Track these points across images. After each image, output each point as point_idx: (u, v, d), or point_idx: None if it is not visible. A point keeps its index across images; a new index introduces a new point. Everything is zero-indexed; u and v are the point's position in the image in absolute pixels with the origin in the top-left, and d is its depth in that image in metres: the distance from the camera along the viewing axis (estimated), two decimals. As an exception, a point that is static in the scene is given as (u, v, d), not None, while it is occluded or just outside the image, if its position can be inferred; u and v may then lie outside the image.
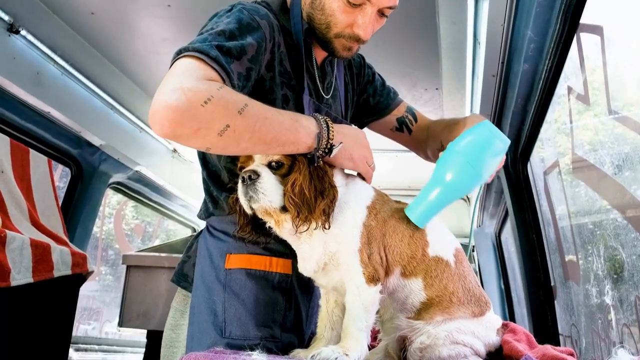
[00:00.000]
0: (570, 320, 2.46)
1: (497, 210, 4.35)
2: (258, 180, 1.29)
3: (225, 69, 1.25)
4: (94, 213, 3.88)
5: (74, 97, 3.43)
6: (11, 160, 2.38)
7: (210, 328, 1.48)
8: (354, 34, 1.51)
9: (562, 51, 1.98)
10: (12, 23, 2.85)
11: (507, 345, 1.41)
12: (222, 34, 1.32)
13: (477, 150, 1.41)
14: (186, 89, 1.15)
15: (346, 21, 1.49)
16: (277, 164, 1.33)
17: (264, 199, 1.29)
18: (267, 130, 1.23)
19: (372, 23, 1.51)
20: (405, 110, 1.89)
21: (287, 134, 1.27)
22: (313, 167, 1.30)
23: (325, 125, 1.35)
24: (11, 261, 1.95)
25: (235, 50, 1.30)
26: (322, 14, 1.51)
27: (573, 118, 2.14)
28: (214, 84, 1.20)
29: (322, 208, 1.27)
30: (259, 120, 1.22)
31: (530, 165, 2.87)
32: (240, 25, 1.36)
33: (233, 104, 1.19)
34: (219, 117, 1.17)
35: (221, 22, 1.37)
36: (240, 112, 1.19)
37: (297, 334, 1.57)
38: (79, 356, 4.20)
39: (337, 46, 1.55)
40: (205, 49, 1.24)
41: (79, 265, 2.47)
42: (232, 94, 1.21)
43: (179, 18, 2.96)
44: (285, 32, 1.55)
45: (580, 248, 2.22)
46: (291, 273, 1.54)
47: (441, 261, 1.43)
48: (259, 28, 1.40)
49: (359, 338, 1.30)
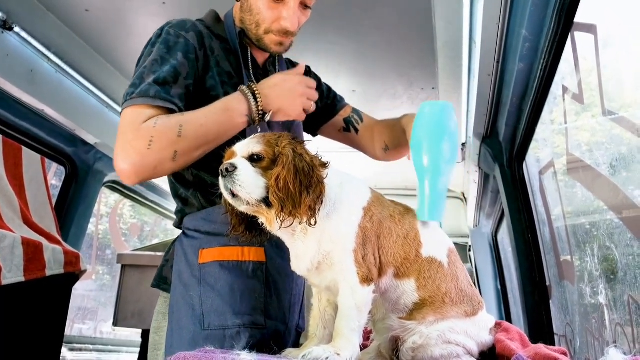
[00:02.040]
0: (565, 320, 2.46)
1: (494, 210, 4.36)
2: (235, 172, 1.28)
3: (167, 99, 1.46)
4: (89, 212, 3.87)
5: (69, 95, 3.42)
6: (3, 158, 2.37)
7: (189, 323, 1.52)
8: (281, 27, 1.66)
9: (557, 50, 1.98)
10: (6, 20, 2.83)
11: (500, 345, 1.41)
12: (155, 62, 1.51)
13: (432, 124, 1.51)
14: (132, 143, 1.38)
15: (272, 17, 1.65)
16: (257, 157, 1.31)
17: (242, 191, 1.28)
18: (207, 134, 1.44)
19: (296, 15, 1.66)
20: (351, 111, 2.04)
21: (225, 126, 1.47)
22: (299, 160, 1.29)
23: (252, 95, 1.52)
24: (2, 259, 1.94)
25: (170, 76, 1.49)
26: (250, 14, 1.68)
27: (568, 118, 2.14)
28: (149, 123, 1.39)
29: (308, 204, 1.26)
30: (197, 131, 1.42)
31: (526, 165, 2.87)
32: (168, 48, 1.56)
33: (170, 132, 1.39)
34: (164, 149, 1.38)
35: (153, 50, 1.56)
36: (179, 134, 1.39)
37: (282, 322, 1.61)
38: (74, 356, 4.18)
39: (269, 42, 1.69)
40: (145, 90, 1.44)
41: (71, 264, 2.46)
42: (166, 122, 1.40)
43: (174, 15, 2.91)
44: (221, 40, 1.73)
45: (575, 248, 2.22)
46: (265, 260, 1.59)
47: (434, 262, 1.43)
48: (185, 41, 1.58)
49: (351, 338, 1.29)
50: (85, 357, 4.43)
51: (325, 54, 3.24)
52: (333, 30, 2.95)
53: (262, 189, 1.28)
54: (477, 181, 3.92)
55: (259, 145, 1.32)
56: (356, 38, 3.03)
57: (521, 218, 2.88)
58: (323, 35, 3.01)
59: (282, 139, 1.34)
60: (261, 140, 1.34)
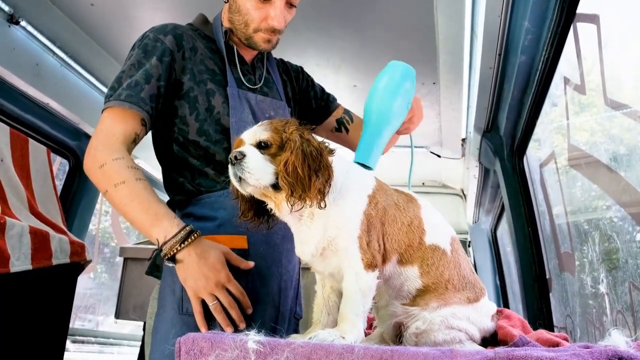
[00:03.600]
0: (565, 312, 2.48)
1: (493, 206, 4.38)
2: (244, 160, 1.31)
3: (135, 102, 1.60)
4: (92, 205, 3.89)
5: (73, 89, 3.44)
6: (11, 150, 2.39)
7: (169, 306, 1.61)
8: (269, 26, 1.75)
9: (559, 41, 1.99)
10: (12, 14, 2.86)
11: (502, 331, 1.42)
12: (132, 67, 1.66)
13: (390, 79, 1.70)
14: (96, 152, 1.55)
15: (260, 16, 1.74)
16: (265, 144, 1.34)
17: (251, 177, 1.30)
18: (127, 212, 1.52)
19: (283, 14, 1.75)
20: (343, 112, 2.13)
21: (141, 223, 1.51)
22: (307, 145, 1.31)
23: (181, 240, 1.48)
24: (10, 248, 1.96)
25: (142, 79, 1.63)
26: (239, 15, 1.77)
27: (569, 109, 2.15)
28: (115, 154, 1.54)
29: (318, 187, 1.28)
30: (123, 200, 1.51)
31: (526, 158, 2.89)
32: (146, 52, 1.68)
33: (114, 177, 1.51)
34: (103, 182, 1.53)
35: (133, 53, 1.70)
36: (115, 186, 1.51)
37: (272, 306, 1.69)
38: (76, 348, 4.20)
39: (258, 40, 1.78)
40: (118, 94, 1.60)
41: (77, 253, 2.48)
42: (120, 168, 1.52)
43: (178, 9, 2.96)
44: (208, 39, 1.84)
45: (575, 238, 2.24)
46: (247, 247, 1.66)
47: (437, 249, 1.44)
48: (162, 45, 1.69)
49: (356, 322, 1.31)
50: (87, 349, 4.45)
51: (326, 49, 3.25)
52: (334, 24, 2.97)
53: (271, 175, 1.31)
54: (477, 176, 3.94)
55: (266, 132, 1.35)
56: (357, 33, 3.05)
57: (521, 211, 2.90)
58: (324, 30, 3.03)
59: (289, 125, 1.36)
60: (268, 127, 1.36)
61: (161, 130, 1.77)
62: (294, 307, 1.80)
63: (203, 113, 1.70)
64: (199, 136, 1.71)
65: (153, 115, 1.66)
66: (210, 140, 1.71)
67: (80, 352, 4.78)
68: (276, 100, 1.89)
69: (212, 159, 1.72)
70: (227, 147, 1.70)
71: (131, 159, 1.58)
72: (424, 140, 4.47)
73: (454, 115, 3.73)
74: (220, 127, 1.71)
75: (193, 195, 1.73)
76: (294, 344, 1.04)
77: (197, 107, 1.70)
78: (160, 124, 1.76)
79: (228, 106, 1.72)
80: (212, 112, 1.71)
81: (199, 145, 1.71)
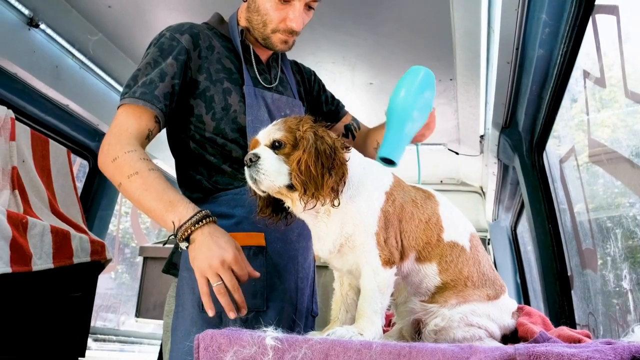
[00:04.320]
0: (587, 309, 2.44)
1: (513, 203, 4.33)
2: (259, 161, 1.32)
3: (149, 100, 1.61)
4: (112, 205, 3.93)
5: (92, 90, 3.49)
6: (32, 151, 2.43)
7: (189, 305, 1.62)
8: (287, 27, 1.75)
9: (578, 34, 1.96)
10: (32, 17, 2.91)
11: (523, 327, 1.41)
12: (148, 65, 1.67)
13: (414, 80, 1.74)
14: (109, 147, 1.56)
15: (279, 17, 1.74)
16: (278, 144, 1.34)
17: (266, 179, 1.31)
18: (141, 202, 1.52)
19: (301, 16, 1.76)
20: (351, 119, 2.17)
21: (155, 211, 1.51)
22: (321, 143, 1.31)
23: (196, 221, 1.46)
24: (32, 246, 2.00)
25: (157, 77, 1.64)
26: (257, 14, 1.77)
27: (589, 103, 2.12)
28: (127, 147, 1.54)
29: (331, 185, 1.27)
30: (137, 191, 1.51)
31: (545, 153, 2.85)
32: (162, 51, 1.69)
33: (126, 168, 1.51)
34: (116, 174, 1.53)
35: (149, 52, 1.71)
36: (129, 177, 1.51)
37: (289, 303, 1.69)
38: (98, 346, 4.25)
39: (275, 40, 1.79)
40: (133, 92, 1.62)
41: (97, 252, 2.52)
42: (132, 160, 1.53)
43: (194, 9, 2.98)
44: (225, 39, 1.85)
45: (597, 235, 2.20)
46: (264, 245, 1.67)
47: (456, 246, 1.43)
48: (178, 44, 1.71)
49: (374, 319, 1.30)
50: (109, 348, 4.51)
51: (342, 47, 3.25)
52: (350, 22, 2.96)
53: (286, 175, 1.31)
54: (496, 173, 3.91)
55: (279, 132, 1.35)
56: (373, 30, 3.04)
57: (541, 208, 2.86)
58: (340, 27, 3.03)
59: (303, 123, 1.36)
60: (282, 126, 1.37)
61: (177, 128, 1.78)
62: (310, 304, 1.81)
63: (219, 112, 1.71)
64: (215, 134, 1.72)
65: (167, 113, 1.67)
66: (226, 138, 1.72)
67: (102, 351, 4.85)
68: (292, 98, 1.90)
69: (229, 156, 1.73)
70: (244, 144, 1.71)
71: (143, 151, 1.59)
72: (441, 138, 4.44)
73: (471, 112, 3.70)
74: (237, 126, 1.72)
75: (210, 193, 1.74)
76: (312, 340, 1.04)
77: (213, 106, 1.71)
78: (176, 122, 1.77)
79: (244, 105, 1.73)
80: (229, 111, 1.72)
81: (216, 143, 1.72)
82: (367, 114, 3.88)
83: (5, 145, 2.44)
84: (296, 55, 2.12)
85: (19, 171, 2.42)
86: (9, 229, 2.00)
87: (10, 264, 2.00)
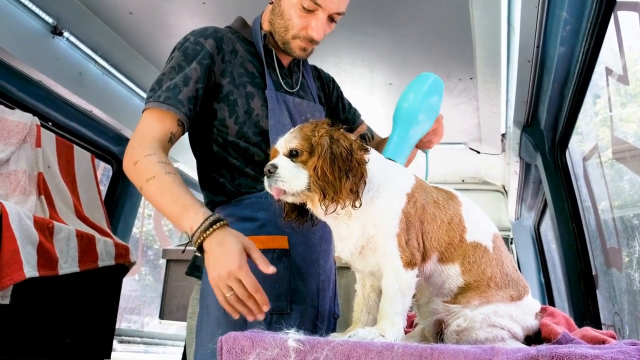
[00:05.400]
0: (613, 309, 2.41)
1: (536, 202, 4.29)
2: (277, 171, 1.35)
3: (173, 104, 1.63)
4: (135, 209, 3.99)
5: (115, 96, 3.54)
6: (57, 157, 2.48)
7: (214, 307, 1.62)
8: (308, 35, 1.77)
9: (600, 31, 1.93)
10: (56, 25, 2.96)
11: (546, 328, 1.39)
12: (172, 70, 1.69)
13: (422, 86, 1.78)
14: (132, 150, 1.59)
15: (301, 24, 1.76)
16: (295, 152, 1.36)
17: (288, 186, 1.34)
18: (159, 205, 1.55)
19: (323, 26, 1.78)
20: (366, 128, 2.18)
21: (173, 216, 1.54)
22: (337, 147, 1.32)
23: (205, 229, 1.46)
24: (59, 251, 2.04)
25: (181, 81, 1.66)
26: (281, 18, 1.79)
27: (612, 100, 2.09)
28: (147, 151, 1.57)
29: (349, 187, 1.29)
30: (155, 194, 1.54)
31: (568, 152, 2.82)
32: (186, 56, 1.71)
33: (145, 172, 1.55)
34: (137, 178, 1.57)
35: (173, 56, 1.73)
36: (147, 181, 1.54)
37: (311, 306, 1.70)
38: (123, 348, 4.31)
39: (294, 46, 1.81)
40: (157, 96, 1.64)
41: (122, 256, 2.55)
42: (150, 164, 1.56)
43: (214, 15, 3.01)
44: (247, 42, 1.87)
45: (622, 233, 2.17)
46: (288, 247, 1.68)
47: (479, 246, 1.42)
48: (202, 48, 1.72)
49: (395, 321, 1.30)
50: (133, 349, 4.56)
51: (361, 47, 3.25)
52: (369, 22, 2.96)
53: (304, 181, 1.33)
54: (518, 172, 3.87)
55: (295, 140, 1.37)
56: (392, 30, 3.03)
57: (565, 207, 2.83)
58: (359, 28, 3.03)
59: (318, 128, 1.37)
60: (298, 134, 1.38)
61: (200, 131, 1.80)
62: (332, 306, 1.81)
63: (242, 115, 1.73)
64: (237, 138, 1.73)
65: (191, 116, 1.68)
66: (249, 142, 1.73)
67: (127, 352, 4.92)
68: (312, 103, 1.91)
69: (252, 159, 1.75)
70: (266, 148, 1.72)
71: (163, 154, 1.61)
72: (462, 137, 4.42)
73: (492, 110, 3.67)
74: (259, 129, 1.74)
75: (233, 196, 1.75)
76: (334, 342, 1.05)
77: (236, 110, 1.73)
78: (199, 125, 1.78)
79: (267, 109, 1.74)
80: (251, 115, 1.73)
81: (238, 146, 1.74)
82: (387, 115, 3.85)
83: (32, 151, 2.50)
84: (315, 57, 2.13)
85: (44, 177, 2.48)
86: (35, 234, 2.05)
87: (38, 268, 2.04)
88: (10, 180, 2.35)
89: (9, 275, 1.95)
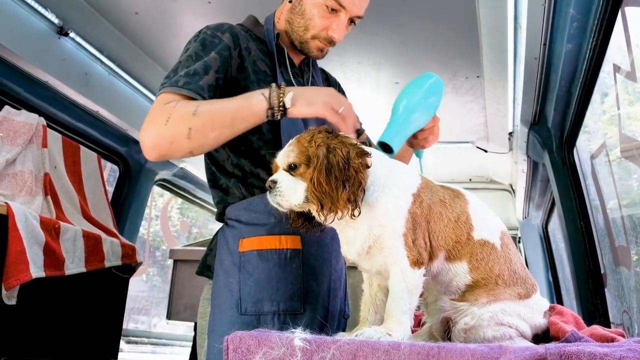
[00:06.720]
0: (622, 308, 2.39)
1: (544, 200, 4.27)
2: (276, 186, 1.36)
3: (193, 89, 1.54)
4: (142, 209, 4.00)
5: (121, 96, 3.55)
6: (63, 157, 2.49)
7: (228, 307, 1.62)
8: (328, 36, 1.77)
9: (607, 28, 1.92)
10: (62, 26, 2.97)
11: (554, 327, 1.39)
12: (189, 58, 1.62)
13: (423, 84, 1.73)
14: (154, 119, 1.48)
15: (323, 25, 1.75)
16: (293, 165, 1.37)
17: (285, 201, 1.36)
18: (223, 115, 1.49)
19: (344, 28, 1.77)
20: (366, 138, 2.13)
21: (241, 111, 1.51)
22: (333, 156, 1.31)
23: (276, 86, 1.53)
24: (65, 251, 2.04)
25: (200, 68, 1.59)
26: (301, 17, 1.77)
27: (620, 97, 2.08)
28: (170, 104, 1.49)
29: (346, 197, 1.28)
30: (212, 111, 1.49)
31: (576, 150, 2.80)
32: (204, 46, 1.66)
33: (186, 111, 1.46)
34: (180, 125, 1.46)
35: (190, 47, 1.67)
36: (194, 113, 1.46)
37: (322, 306, 1.69)
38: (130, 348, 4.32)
39: (312, 46, 1.80)
40: (175, 81, 1.55)
41: (128, 256, 2.56)
42: (185, 104, 1.49)
43: (220, 14, 3.01)
44: (259, 41, 1.84)
45: (630, 231, 2.16)
46: (301, 248, 1.67)
47: (487, 244, 1.42)
48: (220, 41, 1.68)
49: (402, 320, 1.30)
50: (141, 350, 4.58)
51: (366, 46, 3.24)
52: (375, 21, 2.96)
53: (302, 193, 1.34)
54: (526, 170, 3.85)
55: (292, 154, 1.37)
56: (398, 29, 3.03)
57: (573, 205, 2.82)
58: (364, 27, 3.02)
59: (315, 138, 1.36)
60: (295, 147, 1.38)
61: None
62: (343, 306, 1.81)
63: None
64: (251, 135, 1.70)
65: None
66: (262, 139, 1.72)
67: (134, 353, 4.93)
68: None
69: (263, 160, 1.73)
70: (278, 148, 1.71)
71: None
72: (469, 136, 4.41)
73: (499, 109, 3.66)
74: (272, 127, 1.73)
75: (245, 196, 1.74)
76: (340, 341, 1.04)
77: None
78: None
79: None
80: None
81: (252, 145, 1.72)
82: (393, 114, 3.86)
83: (38, 152, 2.51)
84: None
85: (51, 177, 2.49)
86: (42, 234, 2.06)
87: (44, 269, 2.05)
88: (17, 180, 2.36)
89: (16, 276, 1.96)
